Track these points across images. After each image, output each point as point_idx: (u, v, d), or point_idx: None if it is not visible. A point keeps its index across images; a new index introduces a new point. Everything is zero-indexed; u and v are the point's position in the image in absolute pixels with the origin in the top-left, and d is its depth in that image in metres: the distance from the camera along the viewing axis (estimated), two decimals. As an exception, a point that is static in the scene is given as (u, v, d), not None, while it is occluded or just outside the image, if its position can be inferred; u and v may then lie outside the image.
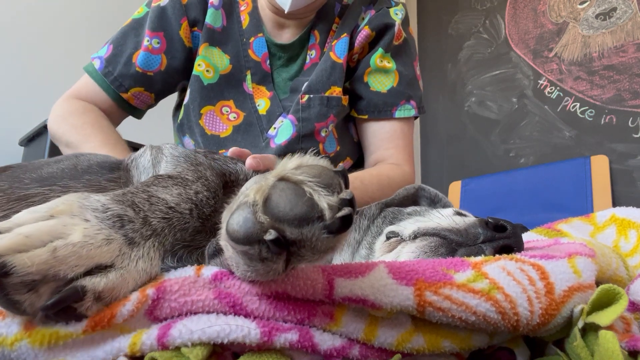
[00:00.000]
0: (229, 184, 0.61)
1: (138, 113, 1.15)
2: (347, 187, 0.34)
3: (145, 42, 1.06)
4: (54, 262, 0.32)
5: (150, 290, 0.35)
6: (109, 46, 1.08)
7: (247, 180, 0.62)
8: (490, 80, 3.05)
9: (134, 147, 0.87)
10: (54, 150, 1.77)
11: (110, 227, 0.36)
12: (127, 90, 1.07)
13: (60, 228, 0.33)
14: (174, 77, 1.11)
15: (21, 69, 2.23)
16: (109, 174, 0.64)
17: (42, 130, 1.85)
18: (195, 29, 1.09)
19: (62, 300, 0.31)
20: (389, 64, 1.13)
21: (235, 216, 0.32)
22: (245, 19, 1.12)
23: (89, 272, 0.33)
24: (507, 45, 3.01)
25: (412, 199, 0.79)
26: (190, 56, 1.10)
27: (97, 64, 1.07)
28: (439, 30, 3.36)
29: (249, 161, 0.67)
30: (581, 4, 2.73)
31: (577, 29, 2.72)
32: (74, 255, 0.32)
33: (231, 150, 0.75)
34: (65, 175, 0.62)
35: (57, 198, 0.37)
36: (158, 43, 1.06)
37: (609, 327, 0.37)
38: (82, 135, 0.99)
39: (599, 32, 2.63)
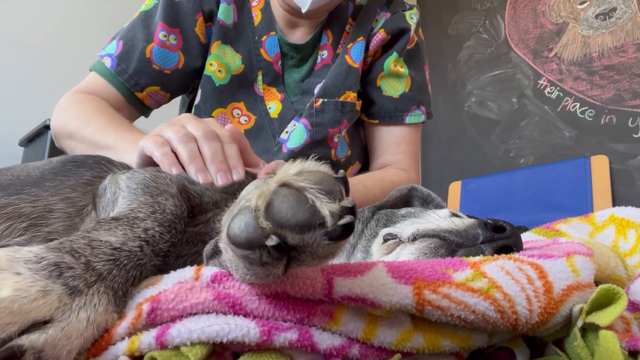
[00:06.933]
0: (194, 208, 0.58)
1: (147, 112, 1.10)
2: (347, 193, 0.34)
3: (161, 37, 0.99)
4: None
5: (145, 305, 0.35)
6: (118, 42, 1.01)
7: (212, 203, 0.60)
8: (490, 80, 3.05)
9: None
10: (54, 151, 1.77)
11: (47, 278, 0.33)
12: (142, 90, 1.01)
13: None
14: (191, 75, 1.06)
15: (21, 70, 2.23)
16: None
17: (42, 131, 1.85)
18: (210, 24, 1.05)
19: None
20: (402, 68, 1.12)
21: (237, 220, 0.32)
22: (257, 16, 1.09)
23: (25, 332, 0.30)
24: (507, 46, 3.02)
25: (405, 200, 0.79)
26: (206, 54, 1.05)
27: (108, 62, 1.00)
28: (439, 30, 3.37)
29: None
30: (581, 4, 2.73)
31: (577, 29, 2.72)
32: (4, 312, 0.29)
33: (229, 127, 0.73)
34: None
35: None
36: (175, 40, 1.01)
37: (609, 327, 0.37)
38: (82, 121, 0.91)
39: (599, 32, 2.64)
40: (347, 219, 0.31)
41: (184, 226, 0.53)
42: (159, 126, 0.72)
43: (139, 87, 1.00)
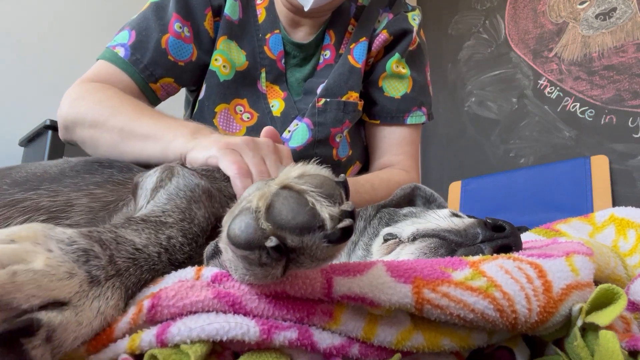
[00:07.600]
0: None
1: (157, 103, 1.07)
2: (347, 197, 0.34)
3: (177, 28, 0.98)
4: (11, 288, 0.29)
5: (145, 302, 0.35)
6: (130, 32, 0.98)
7: None
8: (490, 80, 3.05)
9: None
10: (54, 151, 1.78)
11: (74, 261, 0.34)
12: (156, 81, 0.99)
13: (22, 253, 0.31)
14: (202, 69, 1.04)
15: (21, 70, 2.23)
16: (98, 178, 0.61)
17: (42, 131, 1.85)
18: (218, 18, 1.05)
19: (13, 331, 0.28)
20: (404, 69, 1.13)
21: (237, 221, 0.32)
22: (261, 14, 1.09)
23: (43, 308, 0.31)
24: (507, 46, 3.02)
25: (408, 199, 0.79)
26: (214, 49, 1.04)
27: (121, 52, 0.96)
28: (439, 30, 3.37)
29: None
30: (581, 4, 2.73)
31: (577, 29, 2.72)
32: (34, 284, 0.30)
33: (265, 130, 0.72)
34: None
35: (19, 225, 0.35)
36: (189, 32, 1.00)
37: (609, 327, 0.37)
38: (109, 108, 0.85)
39: (599, 32, 2.64)
40: (346, 222, 0.31)
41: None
42: (236, 138, 0.69)
43: (153, 78, 0.98)
